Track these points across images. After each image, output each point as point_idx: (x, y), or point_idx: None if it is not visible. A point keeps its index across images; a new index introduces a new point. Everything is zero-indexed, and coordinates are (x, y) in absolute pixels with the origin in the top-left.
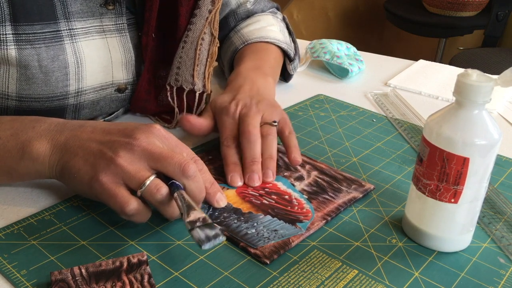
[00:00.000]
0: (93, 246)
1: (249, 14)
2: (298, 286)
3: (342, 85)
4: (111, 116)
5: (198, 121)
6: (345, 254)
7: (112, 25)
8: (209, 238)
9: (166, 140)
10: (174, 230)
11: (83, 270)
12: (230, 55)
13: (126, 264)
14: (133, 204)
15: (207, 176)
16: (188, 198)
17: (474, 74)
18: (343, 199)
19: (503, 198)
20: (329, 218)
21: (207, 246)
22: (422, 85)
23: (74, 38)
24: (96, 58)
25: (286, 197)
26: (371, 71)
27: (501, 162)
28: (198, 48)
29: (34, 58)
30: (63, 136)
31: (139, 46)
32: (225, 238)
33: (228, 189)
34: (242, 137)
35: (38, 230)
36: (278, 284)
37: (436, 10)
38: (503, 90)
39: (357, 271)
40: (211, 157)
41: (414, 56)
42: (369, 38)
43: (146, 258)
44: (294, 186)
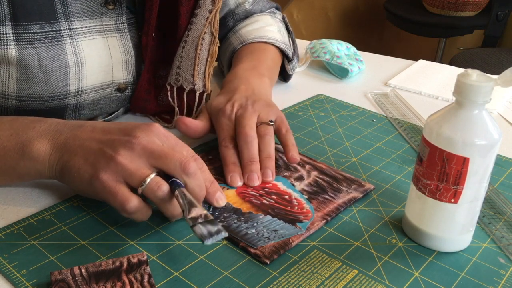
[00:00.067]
0: (93, 246)
1: (247, 15)
2: (298, 286)
3: (342, 85)
4: (111, 116)
5: (193, 123)
6: (345, 254)
7: (112, 24)
8: (211, 234)
9: (166, 138)
10: (174, 230)
11: (83, 270)
12: (229, 56)
13: (126, 264)
14: (133, 201)
15: (207, 175)
16: (189, 196)
17: (474, 74)
18: (343, 199)
19: (503, 198)
20: (329, 218)
21: (210, 242)
22: (422, 85)
23: (74, 37)
24: (96, 57)
25: (286, 197)
26: (371, 71)
27: (501, 162)
28: (199, 48)
29: (34, 57)
30: (63, 136)
31: (139, 45)
32: (227, 234)
33: (228, 189)
34: (239, 138)
35: (38, 230)
36: (278, 284)
37: (436, 10)
38: (503, 90)
39: (357, 271)
40: (211, 157)
41: (414, 56)
42: (369, 38)
43: (146, 258)
44: (294, 186)
